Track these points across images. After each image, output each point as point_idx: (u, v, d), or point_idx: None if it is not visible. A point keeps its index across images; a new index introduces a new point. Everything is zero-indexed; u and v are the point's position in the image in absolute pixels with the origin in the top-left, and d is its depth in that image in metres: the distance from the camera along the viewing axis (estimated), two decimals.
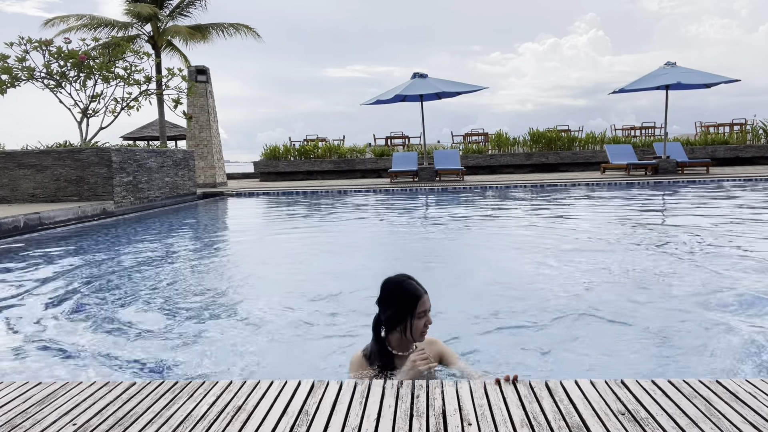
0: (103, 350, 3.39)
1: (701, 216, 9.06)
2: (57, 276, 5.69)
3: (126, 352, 3.36)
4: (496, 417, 1.81)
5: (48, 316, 4.20)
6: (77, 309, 4.38)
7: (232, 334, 3.64)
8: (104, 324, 3.96)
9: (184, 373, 2.98)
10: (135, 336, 3.67)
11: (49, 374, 3.06)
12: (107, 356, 3.30)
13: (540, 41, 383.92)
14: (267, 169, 22.74)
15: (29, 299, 4.75)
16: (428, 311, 2.54)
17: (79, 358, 3.28)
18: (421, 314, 2.51)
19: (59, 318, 4.13)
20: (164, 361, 3.18)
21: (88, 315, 4.22)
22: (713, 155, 20.77)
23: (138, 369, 3.09)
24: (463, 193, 14.36)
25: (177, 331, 3.77)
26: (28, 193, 11.49)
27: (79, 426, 1.83)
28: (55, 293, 4.90)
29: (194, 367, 3.02)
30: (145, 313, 4.26)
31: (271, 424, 1.80)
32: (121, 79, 12.93)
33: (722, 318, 3.68)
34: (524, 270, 5.30)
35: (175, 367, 3.08)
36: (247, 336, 3.59)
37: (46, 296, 4.80)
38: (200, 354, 3.28)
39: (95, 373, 3.05)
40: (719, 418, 1.77)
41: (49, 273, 5.85)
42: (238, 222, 11.47)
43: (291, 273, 5.59)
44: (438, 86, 17.93)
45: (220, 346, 3.41)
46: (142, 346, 3.47)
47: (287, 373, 2.90)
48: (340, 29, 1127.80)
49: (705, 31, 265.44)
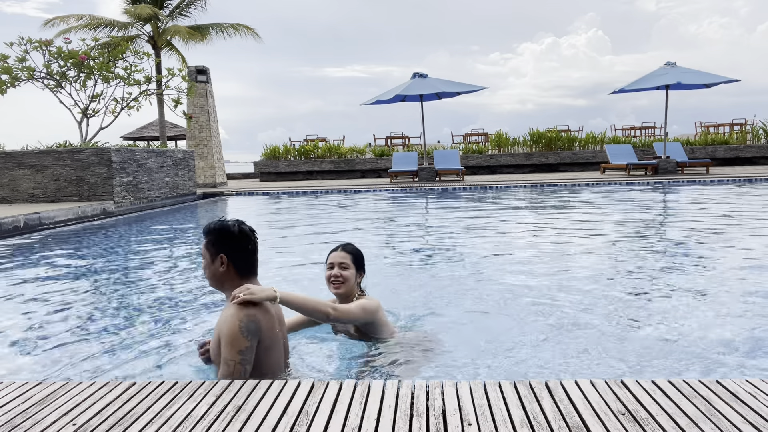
0: (104, 350, 3.39)
1: (701, 216, 9.06)
2: (57, 276, 5.69)
3: (126, 352, 3.36)
4: (496, 417, 1.81)
5: (48, 316, 4.20)
6: (79, 309, 4.38)
7: None
8: (104, 324, 3.96)
9: (185, 373, 2.98)
10: (135, 336, 3.67)
11: (49, 374, 3.06)
12: (107, 356, 3.30)
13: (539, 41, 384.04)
14: (267, 169, 22.74)
15: (29, 299, 4.76)
16: (334, 266, 3.10)
17: (79, 358, 3.28)
18: (328, 266, 3.14)
19: (59, 318, 4.13)
20: (164, 361, 3.18)
21: (89, 315, 4.22)
22: (713, 155, 20.77)
23: (138, 369, 3.09)
24: (463, 193, 14.36)
25: (177, 330, 3.77)
26: (28, 193, 11.49)
27: (79, 426, 1.83)
28: (56, 293, 4.90)
29: (194, 367, 3.02)
30: (145, 313, 4.26)
31: (271, 424, 1.80)
32: (121, 79, 12.94)
33: (722, 318, 3.68)
34: (524, 269, 5.30)
35: (175, 367, 3.08)
36: None
37: (46, 296, 4.80)
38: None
39: (95, 373, 3.05)
40: (719, 418, 1.77)
41: (50, 273, 5.85)
42: None
43: (291, 273, 5.59)
44: (438, 86, 17.93)
45: None
46: (142, 346, 3.47)
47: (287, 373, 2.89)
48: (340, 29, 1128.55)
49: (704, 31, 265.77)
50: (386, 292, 4.69)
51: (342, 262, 3.10)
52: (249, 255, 2.68)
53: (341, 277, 3.08)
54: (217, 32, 23.51)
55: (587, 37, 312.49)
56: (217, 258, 2.62)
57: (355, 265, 3.14)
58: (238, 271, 2.64)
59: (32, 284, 5.29)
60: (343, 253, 3.14)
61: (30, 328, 3.95)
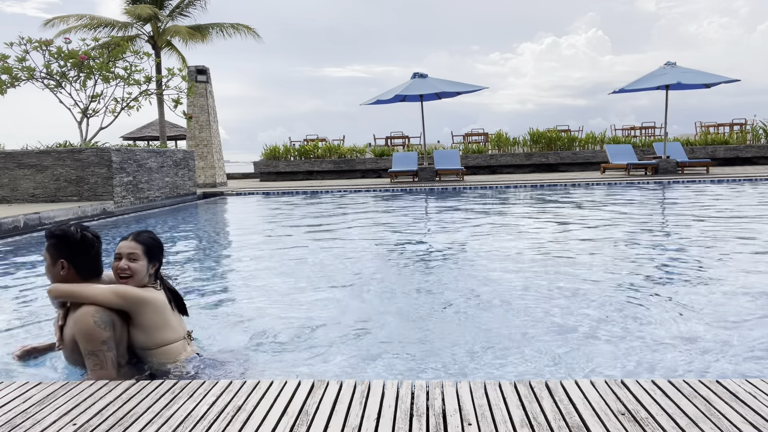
0: None
1: (701, 216, 9.06)
2: None
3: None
4: (496, 417, 1.81)
5: (48, 316, 4.20)
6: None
7: (231, 334, 3.64)
8: None
9: (185, 373, 2.98)
10: None
11: (49, 374, 3.05)
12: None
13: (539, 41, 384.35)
14: (267, 169, 22.75)
15: (29, 299, 4.75)
16: (122, 257, 2.80)
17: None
18: (116, 256, 2.83)
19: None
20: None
21: None
22: (713, 155, 20.77)
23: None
24: (463, 193, 14.36)
25: None
26: (28, 193, 11.49)
27: (79, 426, 1.83)
28: None
29: (193, 367, 3.02)
30: None
31: (271, 424, 1.80)
32: (121, 79, 12.94)
33: (722, 317, 3.68)
34: (524, 269, 5.30)
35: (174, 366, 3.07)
36: (247, 335, 3.59)
37: (46, 296, 4.80)
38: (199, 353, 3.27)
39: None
40: (719, 418, 1.77)
41: None
42: (238, 222, 11.47)
43: (291, 272, 5.58)
44: (438, 86, 17.93)
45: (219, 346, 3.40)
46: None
47: (287, 373, 2.90)
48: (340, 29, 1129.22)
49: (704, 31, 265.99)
50: (386, 292, 4.69)
51: (131, 253, 2.78)
52: (91, 260, 2.79)
53: (129, 269, 2.76)
54: (217, 32, 23.52)
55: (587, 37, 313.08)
56: (58, 262, 2.73)
57: (146, 256, 2.83)
58: (79, 275, 2.75)
59: (32, 284, 5.28)
60: (133, 243, 2.82)
61: (30, 328, 3.95)
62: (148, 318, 2.74)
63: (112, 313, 2.65)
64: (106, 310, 2.63)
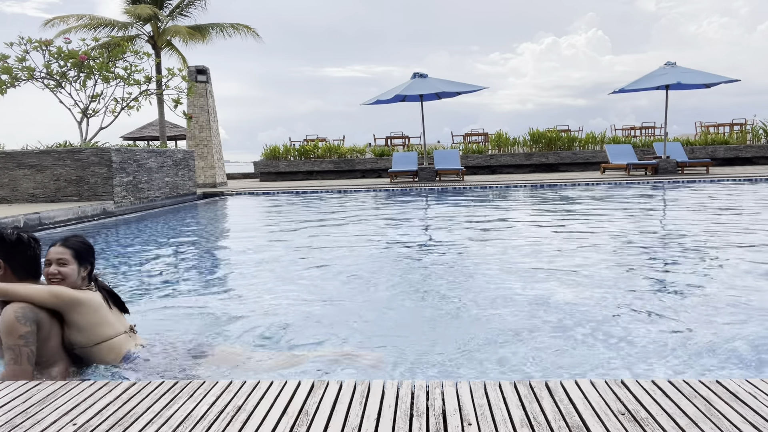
0: None
1: (701, 216, 9.06)
2: None
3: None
4: (496, 417, 1.81)
5: None
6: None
7: (230, 334, 3.64)
8: None
9: (185, 373, 2.98)
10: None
11: None
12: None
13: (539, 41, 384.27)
14: (267, 169, 22.75)
15: None
16: (52, 263, 2.86)
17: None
18: (46, 263, 2.89)
19: None
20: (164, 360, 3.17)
21: None
22: (713, 155, 20.77)
23: (138, 369, 3.08)
24: (463, 193, 14.36)
25: (176, 330, 3.77)
26: (28, 193, 11.49)
27: (79, 426, 1.83)
28: None
29: (193, 367, 3.02)
30: (144, 313, 4.25)
31: (271, 424, 1.80)
32: (121, 79, 12.93)
33: (722, 317, 3.68)
34: (524, 269, 5.30)
35: (174, 366, 3.07)
36: (247, 335, 3.59)
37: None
38: (199, 353, 3.27)
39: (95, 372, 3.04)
40: (719, 418, 1.77)
41: None
42: (238, 222, 11.47)
43: (291, 272, 5.59)
44: (438, 86, 17.93)
45: (218, 346, 3.40)
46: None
47: (287, 373, 2.90)
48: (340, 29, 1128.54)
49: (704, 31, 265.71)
50: (386, 292, 4.69)
51: (60, 258, 2.86)
52: (27, 260, 2.84)
53: (60, 273, 2.84)
54: (217, 32, 23.53)
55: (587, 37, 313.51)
56: None
57: (76, 259, 2.90)
58: (15, 275, 2.81)
59: None
60: (61, 249, 2.89)
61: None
62: (85, 317, 2.82)
63: (40, 312, 2.68)
64: (34, 308, 2.67)
